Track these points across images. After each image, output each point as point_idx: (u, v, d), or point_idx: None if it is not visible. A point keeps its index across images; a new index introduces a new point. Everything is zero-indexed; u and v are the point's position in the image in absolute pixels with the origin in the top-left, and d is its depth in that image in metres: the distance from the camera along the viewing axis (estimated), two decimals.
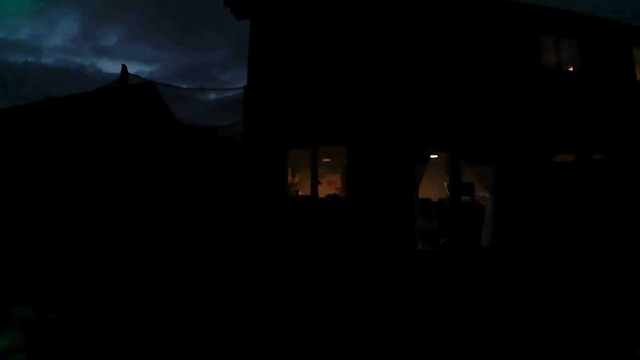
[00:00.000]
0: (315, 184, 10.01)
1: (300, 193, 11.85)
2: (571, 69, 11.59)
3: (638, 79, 11.79)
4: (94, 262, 9.02)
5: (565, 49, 11.36)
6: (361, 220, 9.69)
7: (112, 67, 65.25)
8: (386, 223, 9.73)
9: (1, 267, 8.35)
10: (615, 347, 5.10)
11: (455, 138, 10.08)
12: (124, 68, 10.21)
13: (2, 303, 5.31)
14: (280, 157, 9.95)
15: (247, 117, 10.27)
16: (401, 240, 9.76)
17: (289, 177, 11.80)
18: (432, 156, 10.55)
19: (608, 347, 5.07)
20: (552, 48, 11.22)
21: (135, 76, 10.80)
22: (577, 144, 10.90)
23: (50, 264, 8.70)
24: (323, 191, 11.37)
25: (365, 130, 9.83)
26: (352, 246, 9.52)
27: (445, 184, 12.00)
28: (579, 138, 10.89)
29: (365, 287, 7.75)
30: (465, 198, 11.04)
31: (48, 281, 7.87)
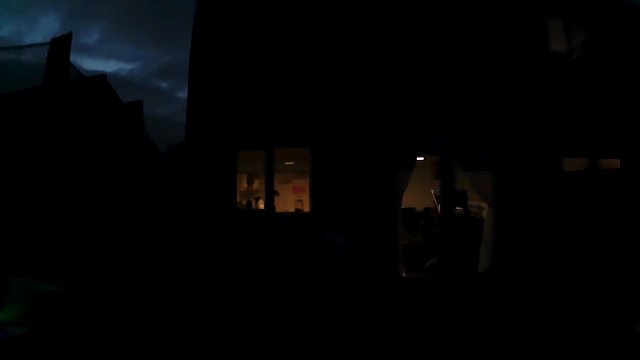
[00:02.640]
0: (270, 195, 7.92)
1: (260, 201, 9.71)
2: (575, 56, 9.65)
3: None
4: None
5: (575, 35, 9.42)
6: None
7: (92, 65, 64.22)
8: (361, 245, 7.71)
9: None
10: None
11: (448, 138, 8.09)
12: None
13: (2, 276, 5.39)
14: (227, 161, 7.83)
15: (188, 111, 8.14)
16: (380, 266, 7.75)
17: (245, 184, 9.72)
18: (418, 158, 8.54)
19: None
20: (561, 34, 9.26)
21: None
22: (589, 145, 8.98)
23: None
24: (287, 200, 9.28)
25: (334, 127, 7.78)
26: (318, 275, 7.48)
27: (432, 191, 10.06)
28: (592, 138, 8.97)
29: (334, 335, 5.69)
30: (458, 209, 9.10)
31: None
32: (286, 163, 9.17)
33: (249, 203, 9.23)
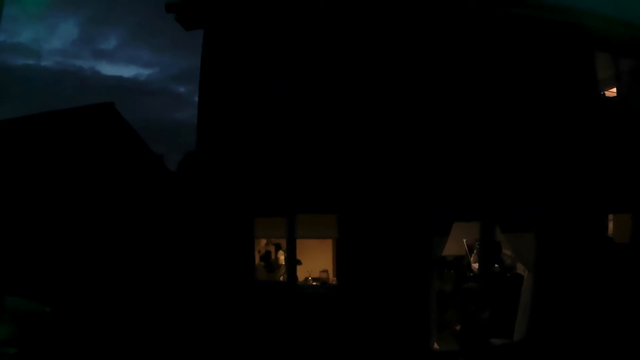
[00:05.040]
0: (292, 264, 7.15)
1: (281, 252, 8.80)
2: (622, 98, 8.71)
3: None
4: None
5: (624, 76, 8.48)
6: (358, 315, 6.96)
7: (110, 70, 64.08)
8: (392, 317, 7.01)
9: None
10: None
11: (489, 199, 7.30)
12: None
13: None
14: (242, 228, 7.03)
15: (197, 168, 7.30)
16: (411, 339, 7.09)
17: (263, 241, 8.86)
18: None
19: None
20: (609, 72, 8.35)
21: None
22: (633, 199, 8.16)
23: None
24: (310, 256, 8.40)
25: (364, 192, 7.00)
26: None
27: (464, 240, 9.35)
28: (635, 191, 8.15)
29: None
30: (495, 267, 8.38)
31: None
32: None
33: (267, 254, 8.39)
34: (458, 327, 8.21)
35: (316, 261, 7.95)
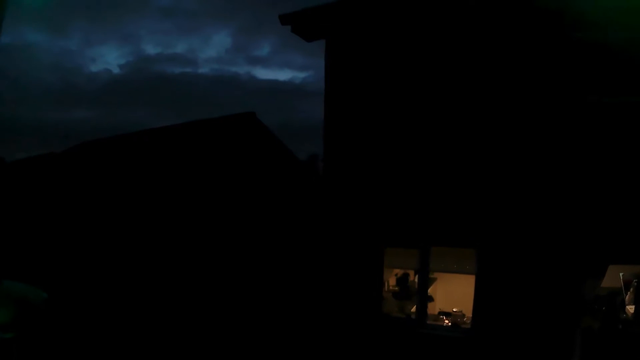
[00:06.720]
0: (423, 300, 6.62)
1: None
2: None
3: None
4: None
5: None
6: None
7: (266, 75, 68.49)
8: None
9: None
10: None
11: None
12: None
13: None
14: (371, 258, 6.60)
15: (324, 191, 6.98)
16: None
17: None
18: None
19: None
20: None
21: None
22: None
23: None
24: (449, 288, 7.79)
25: (507, 227, 6.24)
26: None
27: (621, 274, 8.26)
28: None
29: None
30: None
31: None
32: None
33: (405, 277, 7.75)
34: None
35: (456, 294, 7.25)
